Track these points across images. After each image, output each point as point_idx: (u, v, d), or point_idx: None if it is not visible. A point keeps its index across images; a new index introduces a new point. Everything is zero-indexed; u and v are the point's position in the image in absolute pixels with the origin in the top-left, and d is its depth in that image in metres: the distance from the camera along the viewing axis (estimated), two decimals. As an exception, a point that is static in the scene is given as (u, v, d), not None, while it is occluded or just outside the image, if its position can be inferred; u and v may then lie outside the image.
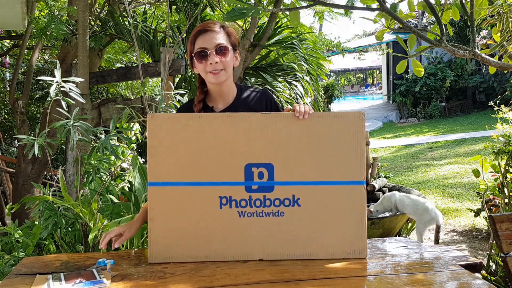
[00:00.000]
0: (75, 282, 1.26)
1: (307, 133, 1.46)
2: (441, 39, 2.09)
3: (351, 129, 1.46)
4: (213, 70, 1.58)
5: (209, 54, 1.56)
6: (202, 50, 1.57)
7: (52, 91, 1.87)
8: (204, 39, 1.57)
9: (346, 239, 1.46)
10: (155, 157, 1.45)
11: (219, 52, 1.57)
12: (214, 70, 1.58)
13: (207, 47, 1.56)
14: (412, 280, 1.29)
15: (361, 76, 34.31)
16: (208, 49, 1.56)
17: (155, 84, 7.84)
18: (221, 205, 1.45)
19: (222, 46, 1.57)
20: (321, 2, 2.32)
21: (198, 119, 1.47)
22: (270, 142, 1.46)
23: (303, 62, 4.35)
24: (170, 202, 1.45)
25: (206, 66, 1.58)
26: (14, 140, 7.42)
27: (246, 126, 1.46)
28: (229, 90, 1.68)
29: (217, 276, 1.33)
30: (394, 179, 7.05)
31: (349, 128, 1.46)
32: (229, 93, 1.68)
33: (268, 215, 1.46)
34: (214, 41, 1.56)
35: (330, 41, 9.06)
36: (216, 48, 1.56)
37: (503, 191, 3.17)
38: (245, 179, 1.45)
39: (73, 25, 3.72)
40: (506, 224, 1.76)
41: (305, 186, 1.46)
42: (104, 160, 2.21)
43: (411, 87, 15.04)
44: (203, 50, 1.57)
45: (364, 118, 1.48)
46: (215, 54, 1.56)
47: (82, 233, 2.14)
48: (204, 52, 1.57)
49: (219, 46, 1.57)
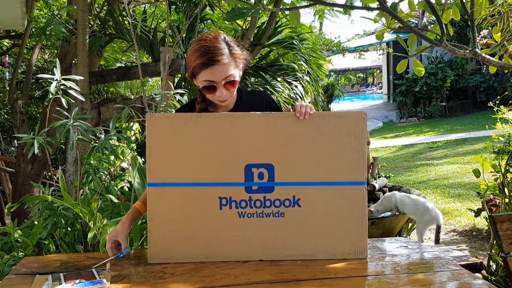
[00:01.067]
0: (74, 282, 1.25)
1: (307, 133, 1.45)
2: (442, 39, 2.09)
3: (352, 129, 1.45)
4: (221, 99, 1.52)
5: (217, 87, 1.48)
6: (210, 83, 1.47)
7: (52, 88, 1.86)
8: (211, 72, 1.45)
9: (346, 239, 1.46)
10: (154, 157, 1.44)
11: (227, 84, 1.48)
12: (221, 99, 1.52)
13: (215, 80, 1.47)
14: (412, 280, 1.29)
15: (361, 76, 34.31)
16: (216, 82, 1.47)
17: (154, 83, 7.85)
18: (221, 205, 1.44)
19: (231, 78, 1.48)
20: (321, 1, 2.32)
21: (198, 119, 1.45)
22: (270, 142, 1.45)
23: (303, 62, 4.35)
24: (169, 203, 1.44)
25: (214, 96, 1.51)
26: (14, 140, 7.42)
27: (246, 126, 1.45)
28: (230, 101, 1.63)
29: (217, 276, 1.32)
30: (394, 179, 7.05)
31: (351, 128, 1.45)
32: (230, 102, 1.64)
33: (268, 215, 1.45)
34: (223, 74, 1.46)
35: (330, 40, 9.05)
36: (224, 81, 1.47)
37: (503, 191, 3.17)
38: (245, 179, 1.44)
39: (73, 25, 3.72)
40: (507, 224, 1.76)
41: (306, 186, 1.45)
42: (103, 160, 2.21)
43: (412, 87, 15.04)
44: (211, 83, 1.47)
45: (366, 118, 1.46)
46: (223, 87, 1.48)
47: (82, 233, 2.14)
48: (212, 85, 1.48)
49: (227, 78, 1.47)
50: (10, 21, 4.22)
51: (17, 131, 4.42)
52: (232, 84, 1.49)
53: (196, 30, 4.17)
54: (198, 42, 1.49)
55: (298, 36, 4.49)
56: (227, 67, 1.46)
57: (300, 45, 4.31)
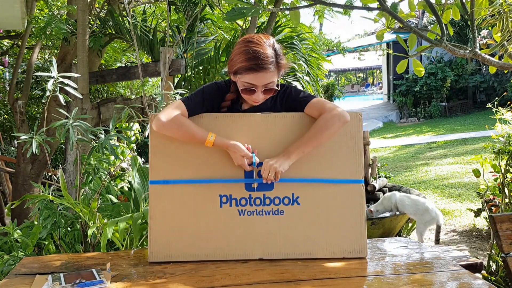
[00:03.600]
0: (74, 282, 1.25)
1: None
2: (442, 39, 2.09)
3: (349, 129, 1.49)
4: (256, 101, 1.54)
5: (256, 91, 1.50)
6: (251, 86, 1.49)
7: (50, 86, 1.86)
8: (255, 77, 1.47)
9: (345, 237, 1.47)
10: (156, 155, 1.47)
11: (266, 90, 1.50)
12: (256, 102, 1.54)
13: (256, 84, 1.48)
14: (412, 280, 1.29)
15: (361, 76, 34.32)
16: (257, 86, 1.49)
17: (155, 83, 7.84)
18: (221, 203, 1.46)
19: (272, 86, 1.50)
20: (321, 1, 2.32)
21: (199, 119, 1.49)
22: (270, 141, 1.48)
23: (303, 62, 4.35)
24: (170, 201, 1.46)
25: (250, 98, 1.52)
26: (14, 140, 7.41)
27: (246, 126, 1.48)
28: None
29: (217, 276, 1.32)
30: (394, 179, 7.05)
31: (347, 128, 1.49)
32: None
33: (268, 213, 1.47)
34: (265, 81, 1.47)
35: (330, 40, 9.06)
36: (265, 87, 1.49)
37: (503, 191, 3.16)
38: (245, 177, 1.47)
39: (73, 25, 3.72)
40: (507, 224, 1.76)
41: (305, 184, 1.47)
42: (103, 160, 2.21)
43: (412, 87, 15.04)
44: (251, 87, 1.49)
45: (362, 118, 1.52)
46: (262, 92, 1.50)
47: (82, 233, 2.14)
48: (252, 89, 1.49)
49: (268, 85, 1.49)
50: (10, 21, 4.22)
51: (17, 131, 4.42)
52: (271, 91, 1.52)
53: (196, 30, 4.17)
54: (247, 43, 1.49)
55: (298, 36, 4.48)
56: (271, 75, 1.48)
57: (300, 45, 4.30)
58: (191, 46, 4.22)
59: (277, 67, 1.49)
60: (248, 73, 1.46)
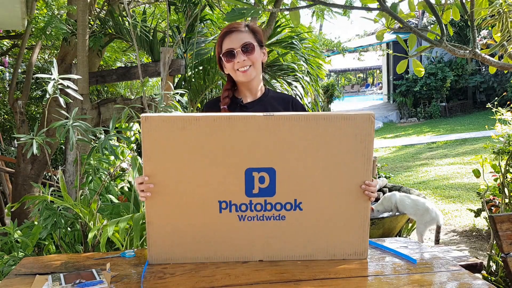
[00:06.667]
0: (74, 282, 1.25)
1: (311, 136, 1.37)
2: (442, 39, 2.09)
3: (359, 132, 1.36)
4: (241, 67, 1.64)
5: (236, 53, 1.62)
6: (229, 50, 1.63)
7: (50, 88, 1.86)
8: (230, 40, 1.63)
9: (347, 242, 1.44)
10: (150, 161, 1.38)
11: (245, 50, 1.62)
12: (242, 67, 1.64)
13: (233, 47, 1.62)
14: (412, 280, 1.29)
15: (361, 76, 34.32)
16: (235, 48, 1.62)
17: (154, 84, 7.85)
18: (221, 209, 1.41)
19: (248, 44, 1.63)
20: (321, 2, 2.32)
21: (196, 122, 1.37)
22: (271, 145, 1.38)
23: (303, 62, 4.35)
24: (168, 206, 1.41)
25: (234, 65, 1.64)
26: (14, 140, 7.42)
27: (246, 128, 1.37)
28: (258, 86, 1.74)
29: (217, 276, 1.32)
30: (394, 179, 7.05)
31: (357, 131, 1.36)
32: (257, 89, 1.74)
33: (269, 219, 1.42)
34: (240, 40, 1.62)
35: (330, 41, 9.06)
36: (242, 46, 1.62)
37: (503, 191, 3.16)
38: (245, 184, 1.39)
39: (73, 25, 3.72)
40: (507, 224, 1.76)
41: (308, 190, 1.40)
42: (103, 160, 2.21)
43: (411, 87, 15.04)
44: (230, 50, 1.63)
45: (374, 120, 1.38)
46: (242, 52, 1.62)
47: (82, 233, 2.14)
48: (231, 52, 1.63)
49: (245, 44, 1.62)
50: (10, 21, 4.23)
51: (17, 132, 4.41)
52: (249, 50, 1.62)
53: (196, 30, 4.17)
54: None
55: (298, 36, 4.48)
56: (245, 36, 1.63)
57: (300, 45, 4.31)
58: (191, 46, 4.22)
59: (251, 31, 1.66)
60: (224, 40, 1.64)
